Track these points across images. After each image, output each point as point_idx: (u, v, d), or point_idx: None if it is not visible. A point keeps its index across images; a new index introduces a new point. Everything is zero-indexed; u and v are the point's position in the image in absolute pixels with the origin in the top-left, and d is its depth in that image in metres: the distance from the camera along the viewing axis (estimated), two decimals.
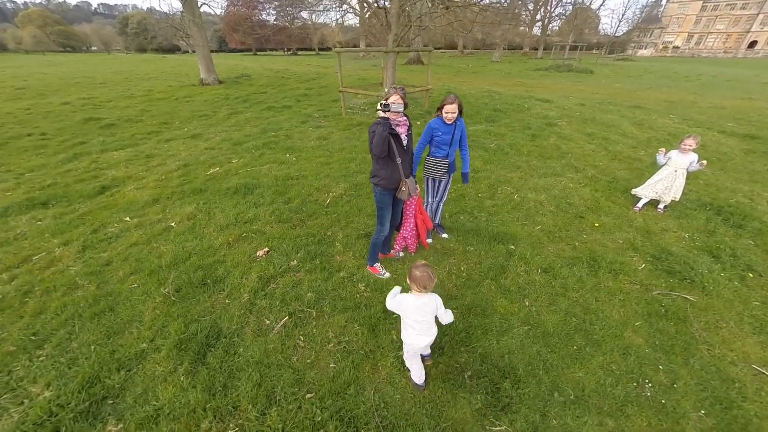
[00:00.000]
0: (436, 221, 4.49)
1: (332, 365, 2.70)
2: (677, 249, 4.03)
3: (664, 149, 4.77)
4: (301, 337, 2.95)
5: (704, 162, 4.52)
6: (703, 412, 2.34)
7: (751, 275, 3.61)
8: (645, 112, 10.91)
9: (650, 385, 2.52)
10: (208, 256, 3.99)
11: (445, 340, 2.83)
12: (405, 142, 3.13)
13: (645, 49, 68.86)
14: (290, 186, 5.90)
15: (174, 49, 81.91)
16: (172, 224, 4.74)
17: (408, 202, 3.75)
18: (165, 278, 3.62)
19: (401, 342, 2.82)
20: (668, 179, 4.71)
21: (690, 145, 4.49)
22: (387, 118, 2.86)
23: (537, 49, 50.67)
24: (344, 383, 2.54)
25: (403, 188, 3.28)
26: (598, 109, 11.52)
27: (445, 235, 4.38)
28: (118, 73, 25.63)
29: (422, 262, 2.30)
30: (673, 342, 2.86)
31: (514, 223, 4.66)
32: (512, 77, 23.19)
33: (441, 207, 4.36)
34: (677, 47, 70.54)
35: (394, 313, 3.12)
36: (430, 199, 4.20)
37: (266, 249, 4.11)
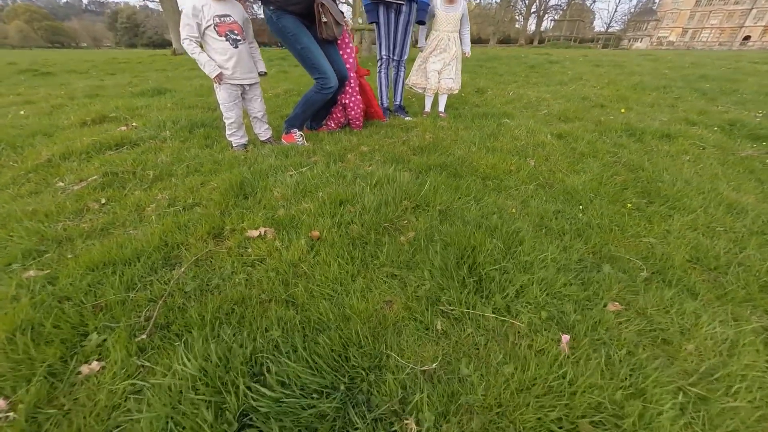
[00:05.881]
0: (397, 101, 3.09)
1: (132, 231, 1.30)
2: (755, 121, 2.67)
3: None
4: (102, 199, 1.55)
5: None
6: None
7: None
8: (657, 58, 9.64)
9: None
10: (36, 134, 2.56)
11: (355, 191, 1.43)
12: None
13: (640, 42, 68.44)
14: None
15: (165, 44, 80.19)
16: (21, 112, 3.32)
17: (341, 45, 2.35)
18: None
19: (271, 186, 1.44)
20: (438, 52, 2.81)
21: None
22: None
23: (532, 42, 49.75)
24: (107, 258, 1.13)
25: (324, 19, 1.92)
26: (603, 56, 10.24)
27: (408, 118, 2.99)
28: (101, 60, 24.23)
29: None
30: None
31: (510, 107, 3.29)
32: (507, 50, 21.93)
33: (402, 76, 2.97)
34: (672, 42, 70.32)
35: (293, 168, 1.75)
36: (383, 53, 2.79)
37: (134, 124, 2.70)
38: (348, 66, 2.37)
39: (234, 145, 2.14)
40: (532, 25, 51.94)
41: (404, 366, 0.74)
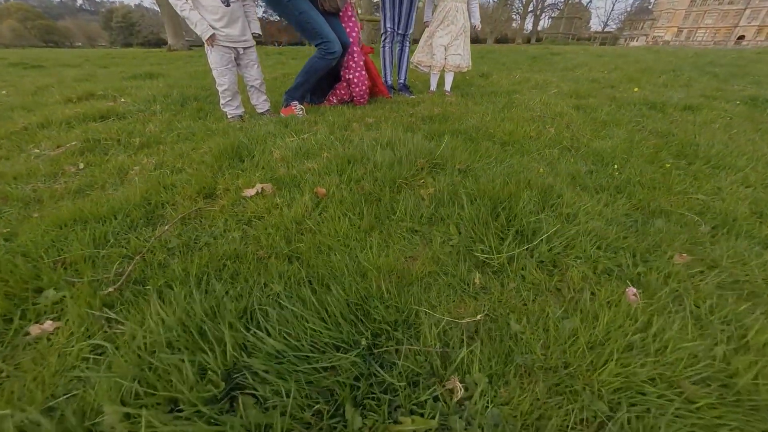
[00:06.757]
0: (401, 79, 2.95)
1: (110, 191, 1.15)
2: None
3: None
4: (81, 164, 1.39)
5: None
6: None
7: None
8: (657, 51, 9.57)
9: None
10: (15, 108, 2.39)
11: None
12: None
13: (636, 41, 68.90)
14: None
15: (161, 43, 79.65)
16: (3, 92, 3.15)
17: (344, 18, 2.20)
18: None
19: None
20: (446, 24, 2.59)
21: None
22: None
23: (529, 41, 49.88)
24: (77, 216, 0.98)
25: None
26: (603, 49, 10.16)
27: (413, 97, 2.84)
28: (95, 55, 23.97)
29: None
30: None
31: (518, 87, 3.16)
32: (507, 46, 21.89)
33: (407, 52, 2.83)
34: (667, 41, 70.90)
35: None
36: (388, 26, 2.64)
37: (123, 99, 2.53)
38: (351, 40, 2.22)
39: (229, 116, 1.98)
40: (529, 24, 52.05)
41: (440, 320, 0.59)
